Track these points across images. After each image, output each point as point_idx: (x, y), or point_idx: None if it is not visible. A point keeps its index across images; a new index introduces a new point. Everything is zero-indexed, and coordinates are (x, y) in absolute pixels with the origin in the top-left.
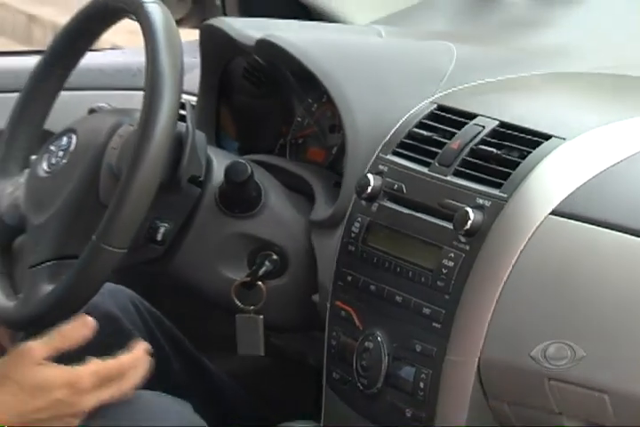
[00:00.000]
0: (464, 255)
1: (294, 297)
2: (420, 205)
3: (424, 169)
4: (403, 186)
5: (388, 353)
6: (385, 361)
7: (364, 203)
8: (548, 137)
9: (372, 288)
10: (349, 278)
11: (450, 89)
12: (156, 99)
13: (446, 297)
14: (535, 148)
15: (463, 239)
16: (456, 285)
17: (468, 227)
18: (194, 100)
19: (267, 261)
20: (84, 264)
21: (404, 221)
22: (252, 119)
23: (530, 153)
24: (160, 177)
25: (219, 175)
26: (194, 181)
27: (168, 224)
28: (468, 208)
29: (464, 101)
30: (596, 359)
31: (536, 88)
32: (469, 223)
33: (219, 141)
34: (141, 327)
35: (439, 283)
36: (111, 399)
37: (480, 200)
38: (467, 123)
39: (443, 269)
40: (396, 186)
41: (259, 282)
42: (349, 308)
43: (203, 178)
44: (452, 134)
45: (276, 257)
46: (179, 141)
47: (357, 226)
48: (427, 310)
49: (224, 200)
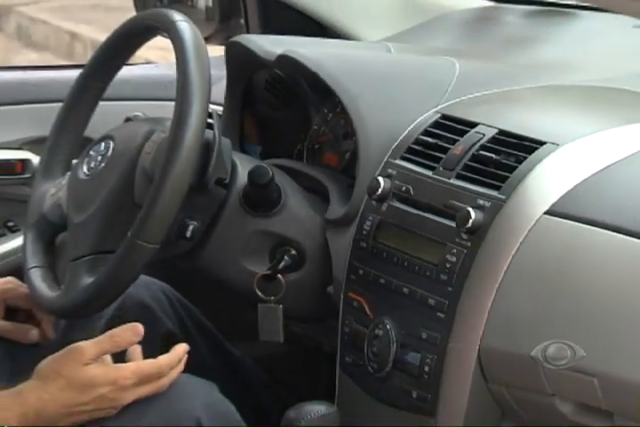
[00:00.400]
0: (466, 251)
1: (311, 289)
2: (426, 205)
3: (429, 173)
4: (410, 188)
5: (396, 340)
6: (393, 347)
7: (374, 203)
8: (542, 143)
9: (382, 281)
10: (361, 272)
11: (453, 100)
12: (186, 108)
13: (449, 289)
14: (531, 153)
15: (465, 237)
16: (458, 278)
17: (469, 225)
18: (220, 110)
19: (286, 256)
20: (120, 258)
21: (411, 220)
22: (273, 127)
23: (526, 158)
24: (189, 179)
25: (243, 178)
26: (220, 183)
27: (196, 222)
28: (469, 208)
29: (466, 111)
30: (587, 348)
31: (532, 99)
32: (471, 222)
33: (242, 147)
34: (172, 315)
35: (443, 276)
36: (148, 394)
37: (480, 201)
38: (468, 131)
39: (446, 264)
40: (404, 188)
41: (279, 275)
42: (361, 298)
43: (228, 180)
44: (455, 141)
45: (294, 252)
46: (206, 147)
47: (368, 224)
48: (431, 301)
49: (247, 201)
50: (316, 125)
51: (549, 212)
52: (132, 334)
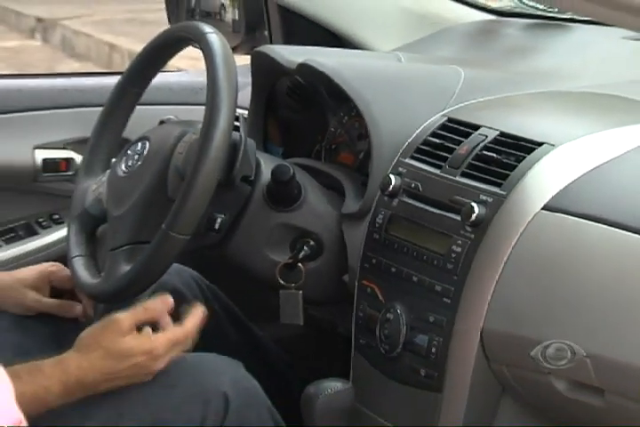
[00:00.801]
0: (469, 243)
1: (328, 276)
2: (433, 200)
3: (437, 171)
4: (419, 185)
5: (405, 323)
6: (403, 330)
7: (386, 199)
8: (540, 144)
9: (393, 269)
10: (374, 261)
11: (458, 105)
12: (215, 112)
13: (455, 277)
14: (529, 153)
15: (469, 229)
16: (463, 267)
17: (473, 219)
18: (246, 114)
19: (305, 247)
20: (155, 248)
21: (419, 214)
22: (294, 129)
23: (525, 158)
24: (218, 177)
25: (266, 175)
26: (246, 180)
27: (224, 216)
28: (473, 203)
29: (470, 115)
30: (581, 331)
31: (530, 104)
32: (474, 216)
33: (266, 147)
34: (201, 300)
35: (449, 265)
36: (178, 355)
37: (483, 197)
38: (472, 132)
39: (452, 254)
40: (414, 185)
41: (299, 264)
42: (374, 285)
43: (253, 178)
44: (460, 142)
45: (313, 243)
46: (233, 147)
47: (381, 218)
48: (438, 288)
49: (270, 196)
50: (332, 128)
51: (546, 207)
52: (162, 304)
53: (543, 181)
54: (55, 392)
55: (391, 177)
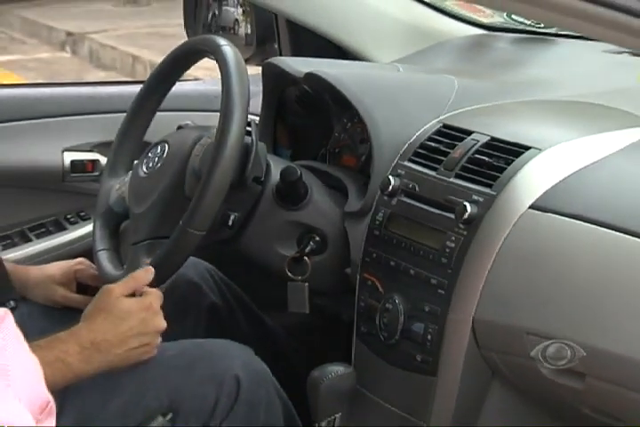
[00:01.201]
0: (462, 239)
1: (332, 269)
2: (429, 200)
3: (432, 172)
4: (416, 185)
5: (403, 313)
6: (401, 319)
7: (386, 198)
8: (527, 148)
9: (392, 263)
10: (374, 256)
11: (452, 112)
12: (228, 118)
13: (448, 271)
14: (518, 156)
15: (462, 226)
16: (456, 261)
17: (465, 217)
18: (257, 119)
19: (311, 242)
20: (173, 243)
21: (417, 213)
22: (301, 134)
23: (514, 161)
24: (231, 177)
25: (275, 176)
26: (256, 180)
27: (237, 213)
28: (466, 203)
29: (463, 121)
30: (565, 321)
31: (519, 111)
32: (467, 214)
33: (275, 150)
34: (216, 291)
35: (443, 260)
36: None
37: (475, 197)
38: (465, 137)
39: (446, 249)
40: (411, 185)
41: (305, 258)
42: (374, 278)
43: (263, 178)
44: (454, 146)
45: (318, 239)
46: (245, 150)
47: (381, 216)
48: (433, 280)
49: (279, 195)
50: (337, 132)
51: (533, 206)
52: (145, 272)
53: (530, 182)
54: (73, 354)
55: (390, 178)
